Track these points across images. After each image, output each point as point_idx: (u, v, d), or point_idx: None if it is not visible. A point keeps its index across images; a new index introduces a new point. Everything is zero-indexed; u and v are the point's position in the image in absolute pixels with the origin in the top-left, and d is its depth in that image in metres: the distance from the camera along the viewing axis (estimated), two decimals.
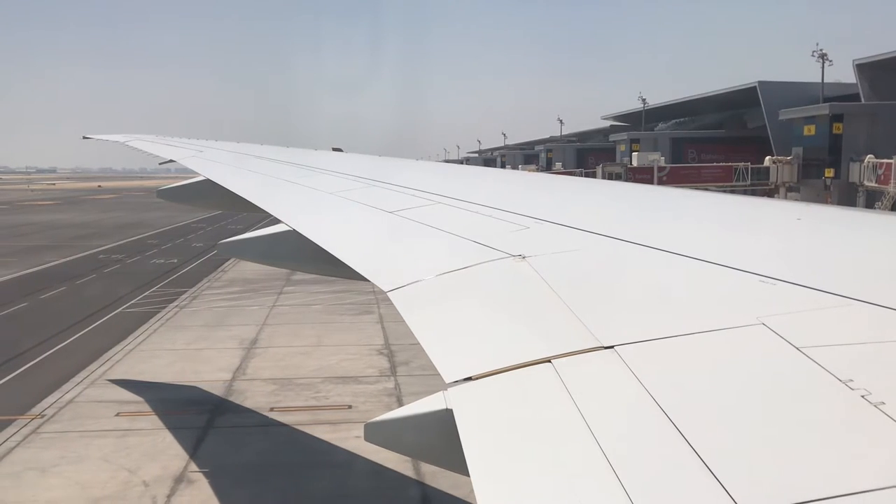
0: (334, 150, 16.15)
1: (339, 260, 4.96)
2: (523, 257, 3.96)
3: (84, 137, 19.62)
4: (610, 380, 2.45)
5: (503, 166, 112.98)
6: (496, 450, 2.30)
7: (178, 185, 12.62)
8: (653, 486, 1.89)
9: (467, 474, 2.12)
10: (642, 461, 2.02)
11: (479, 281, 3.87)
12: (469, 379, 2.69)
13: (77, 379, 20.74)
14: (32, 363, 22.55)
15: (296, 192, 8.73)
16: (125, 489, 13.87)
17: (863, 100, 58.50)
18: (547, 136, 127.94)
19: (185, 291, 34.60)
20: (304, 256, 6.12)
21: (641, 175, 62.81)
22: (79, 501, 13.37)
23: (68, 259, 47.49)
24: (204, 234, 62.11)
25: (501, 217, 5.16)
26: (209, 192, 10.70)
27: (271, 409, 18.16)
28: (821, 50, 62.35)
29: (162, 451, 15.62)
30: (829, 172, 55.84)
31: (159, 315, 29.45)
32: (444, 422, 2.52)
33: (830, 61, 62.53)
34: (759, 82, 68.43)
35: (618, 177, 63.58)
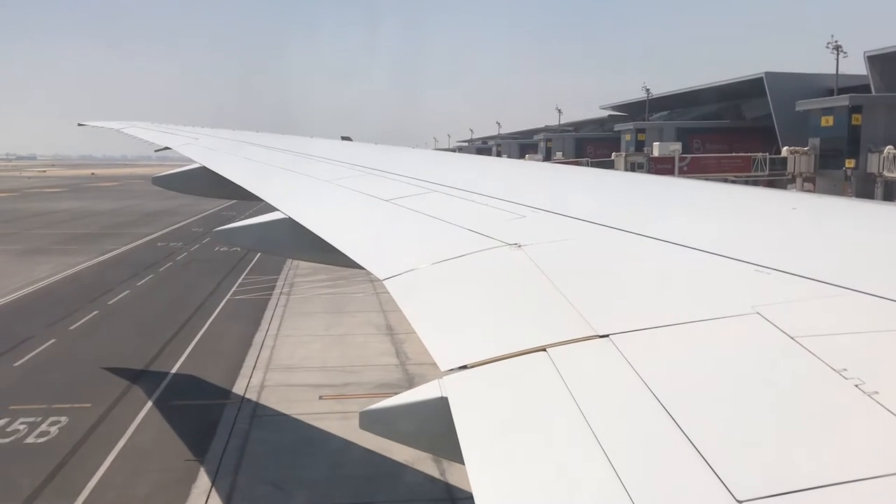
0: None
1: (334, 248, 4.96)
2: (519, 246, 3.96)
3: (79, 125, 19.54)
4: (605, 368, 2.46)
5: (498, 155, 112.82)
6: (491, 438, 2.31)
7: (173, 173, 12.57)
8: (647, 475, 1.89)
9: (462, 462, 2.12)
10: (637, 450, 2.02)
11: (475, 269, 3.87)
12: (464, 367, 2.69)
13: (248, 365, 21.24)
14: (190, 349, 23.03)
15: (291, 180, 8.71)
16: (396, 468, 14.14)
17: (873, 91, 58.85)
18: (541, 125, 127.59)
19: (275, 279, 34.78)
20: (299, 244, 6.11)
21: (663, 164, 63.19)
22: (362, 467, 13.86)
23: (130, 246, 47.78)
24: None
25: (497, 206, 5.15)
26: (205, 180, 10.66)
27: None
28: (836, 41, 62.31)
29: None
30: (850, 163, 56.00)
31: (271, 303, 29.86)
32: (440, 410, 2.52)
33: (845, 53, 62.63)
34: (766, 73, 68.44)
35: (640, 166, 64.42)
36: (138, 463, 14.77)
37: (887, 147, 52.49)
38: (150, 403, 18.07)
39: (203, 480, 13.96)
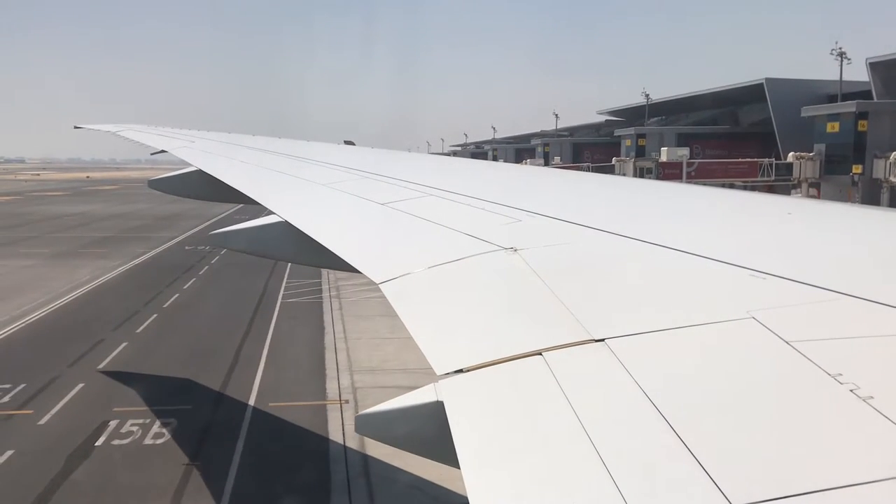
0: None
1: (330, 251, 4.95)
2: (515, 250, 3.96)
3: (75, 127, 19.50)
4: (600, 373, 2.46)
5: (495, 160, 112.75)
6: (487, 442, 2.30)
7: (170, 176, 12.55)
8: (642, 479, 1.89)
9: (458, 466, 2.12)
10: (632, 454, 2.02)
11: (471, 273, 3.87)
12: (460, 371, 2.69)
13: (330, 366, 21.44)
14: (266, 351, 23.17)
15: (288, 183, 8.70)
16: None
17: (875, 97, 59.20)
18: (536, 129, 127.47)
19: (319, 283, 34.74)
20: (295, 247, 6.10)
21: (671, 170, 63.63)
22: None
23: (159, 250, 47.69)
24: None
25: (493, 210, 5.15)
26: (201, 183, 10.64)
27: None
28: (840, 48, 62.46)
29: None
30: (857, 168, 56.23)
31: (325, 306, 30.06)
32: (435, 414, 2.52)
33: (849, 60, 62.72)
34: (767, 79, 68.58)
35: (649, 171, 65.12)
36: (265, 465, 14.73)
37: (893, 153, 52.85)
38: (250, 405, 18.12)
39: (337, 480, 14.08)
